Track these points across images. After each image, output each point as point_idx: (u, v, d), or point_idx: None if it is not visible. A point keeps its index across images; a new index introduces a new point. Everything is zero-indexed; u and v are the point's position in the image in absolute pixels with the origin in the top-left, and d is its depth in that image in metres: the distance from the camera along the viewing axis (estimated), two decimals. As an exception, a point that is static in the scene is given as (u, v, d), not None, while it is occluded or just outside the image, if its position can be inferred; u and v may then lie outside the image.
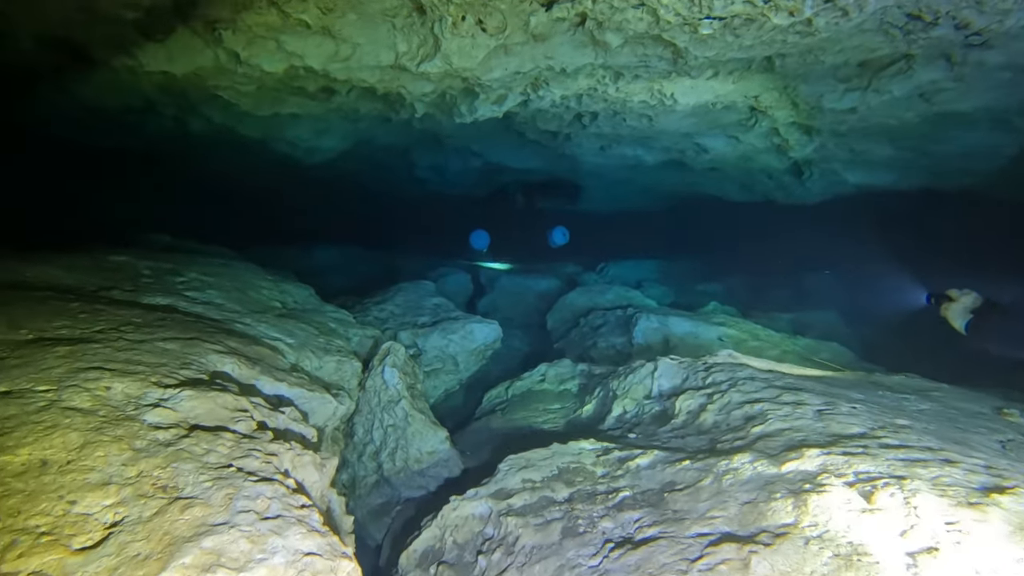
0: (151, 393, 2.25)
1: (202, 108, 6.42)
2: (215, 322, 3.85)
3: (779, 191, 9.35)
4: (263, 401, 2.63)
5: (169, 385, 2.36)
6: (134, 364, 2.45)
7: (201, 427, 2.14)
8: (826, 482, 2.16)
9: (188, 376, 2.55)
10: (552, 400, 5.47)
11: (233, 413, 2.31)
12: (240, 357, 3.18)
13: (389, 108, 6.05)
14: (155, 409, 2.12)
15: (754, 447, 2.79)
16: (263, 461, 2.03)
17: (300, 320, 4.82)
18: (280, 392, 3.20)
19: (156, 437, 1.93)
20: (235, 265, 6.03)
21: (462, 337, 6.06)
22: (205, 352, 3.02)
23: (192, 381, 2.50)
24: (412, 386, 4.58)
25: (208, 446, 2.00)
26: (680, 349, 7.29)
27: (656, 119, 6.03)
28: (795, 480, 2.28)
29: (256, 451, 2.08)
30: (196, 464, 1.86)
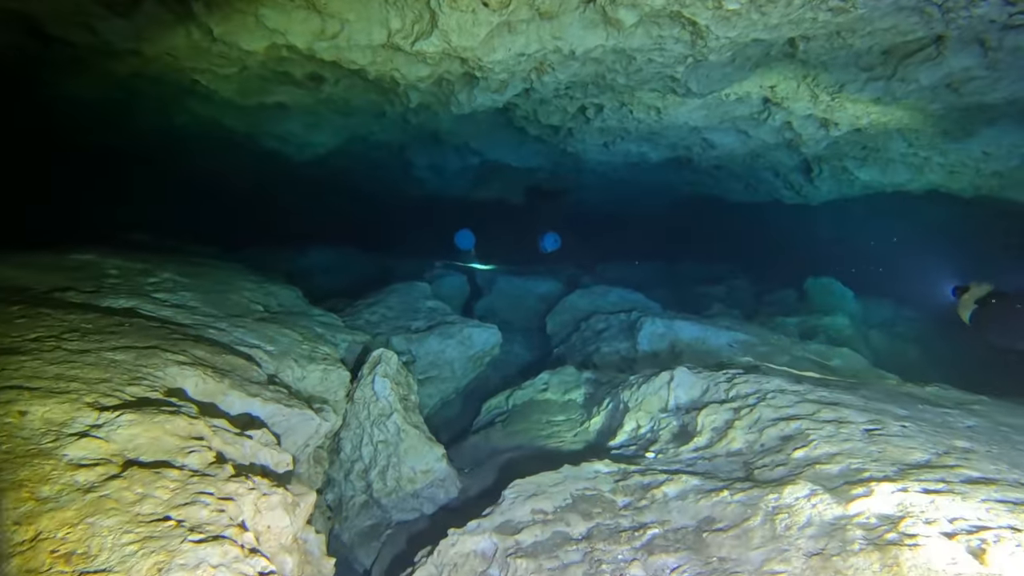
0: (81, 418, 1.79)
1: (184, 100, 5.97)
2: (183, 328, 3.39)
3: (786, 190, 8.96)
4: (227, 424, 2.18)
5: (107, 407, 1.90)
6: (67, 381, 2.00)
7: (139, 463, 1.69)
8: (915, 531, 1.73)
9: (135, 395, 2.10)
10: (556, 411, 5.04)
11: (184, 442, 1.86)
12: (206, 369, 2.72)
13: (383, 99, 5.60)
14: (81, 440, 1.67)
15: (804, 476, 2.36)
16: (214, 509, 1.58)
17: (284, 325, 4.36)
18: (252, 409, 2.75)
19: (74, 480, 1.48)
20: (217, 266, 5.57)
21: (459, 342, 5.62)
22: (163, 364, 2.57)
23: (139, 402, 2.05)
24: (405, 397, 4.13)
25: (144, 490, 1.55)
26: (687, 355, 6.87)
27: (665, 111, 5.62)
28: (871, 525, 1.85)
29: (207, 494, 1.63)
30: (122, 518, 1.41)
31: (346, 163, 9.66)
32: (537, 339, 8.63)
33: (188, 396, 2.50)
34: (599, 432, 4.44)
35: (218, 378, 2.72)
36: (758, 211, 10.79)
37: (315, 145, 7.17)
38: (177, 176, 10.14)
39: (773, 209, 10.27)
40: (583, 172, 9.91)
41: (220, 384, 2.69)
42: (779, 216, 10.54)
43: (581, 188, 11.35)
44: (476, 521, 2.72)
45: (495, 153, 8.46)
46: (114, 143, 8.10)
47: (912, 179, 7.38)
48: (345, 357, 4.81)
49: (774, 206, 10.07)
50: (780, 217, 10.59)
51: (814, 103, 5.17)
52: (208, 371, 2.72)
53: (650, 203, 12.15)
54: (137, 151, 8.76)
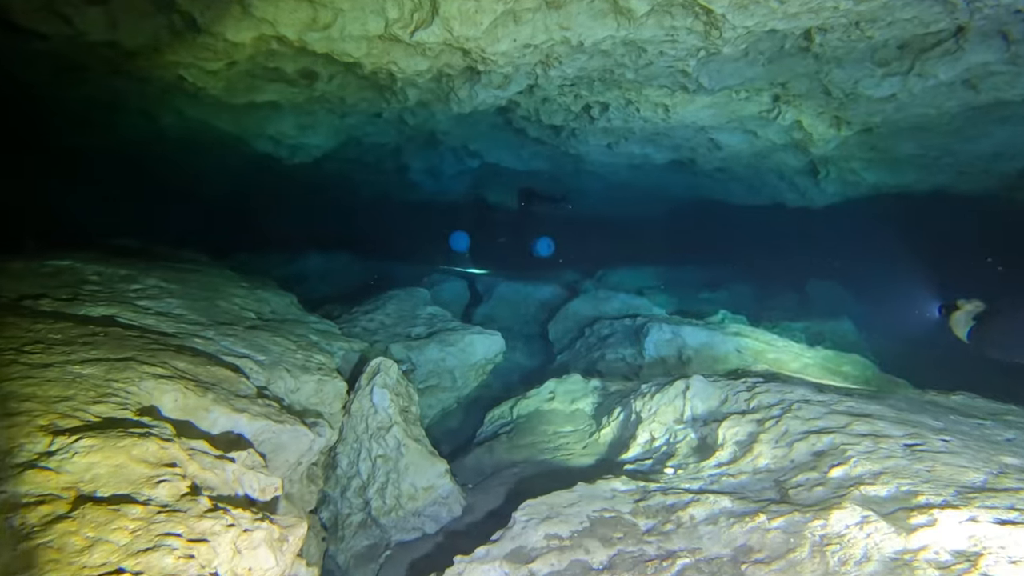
0: (30, 446, 1.53)
1: (171, 100, 5.70)
2: (165, 337, 3.12)
3: (790, 192, 8.75)
4: (207, 445, 1.92)
5: (64, 431, 1.64)
6: (20, 401, 1.73)
7: (95, 498, 1.42)
8: (999, 572, 1.48)
9: (100, 415, 1.83)
10: (563, 422, 4.78)
11: (154, 470, 1.60)
12: (187, 382, 2.46)
13: (379, 96, 5.36)
14: (26, 473, 1.40)
15: (849, 499, 2.11)
16: (182, 555, 1.32)
17: (276, 332, 4.09)
18: (238, 427, 2.48)
19: (7, 525, 1.21)
20: (207, 271, 5.30)
21: (461, 350, 5.36)
22: (138, 377, 2.30)
23: (104, 423, 1.78)
24: (406, 409, 3.87)
25: (96, 533, 1.28)
26: (695, 361, 6.63)
27: (673, 109, 5.40)
28: (943, 563, 1.60)
29: (175, 535, 1.37)
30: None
31: (341, 167, 9.41)
32: (539, 346, 8.37)
33: (164, 414, 2.23)
34: (610, 444, 4.18)
35: (200, 392, 2.46)
36: (759, 214, 10.59)
37: (309, 147, 6.92)
38: (167, 181, 9.87)
39: (775, 212, 10.07)
40: (583, 175, 9.68)
41: (202, 399, 2.42)
42: (781, 219, 10.33)
43: (581, 192, 11.12)
44: (485, 548, 2.46)
45: (494, 155, 8.23)
46: (99, 146, 7.82)
47: (920, 180, 7.18)
48: (341, 366, 4.55)
49: (776, 209, 9.87)
50: (782, 220, 10.38)
51: (827, 100, 4.96)
52: (189, 385, 2.46)
53: (650, 207, 11.94)
54: (124, 155, 8.48)
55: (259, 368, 3.31)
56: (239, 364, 3.23)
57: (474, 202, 11.05)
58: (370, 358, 4.63)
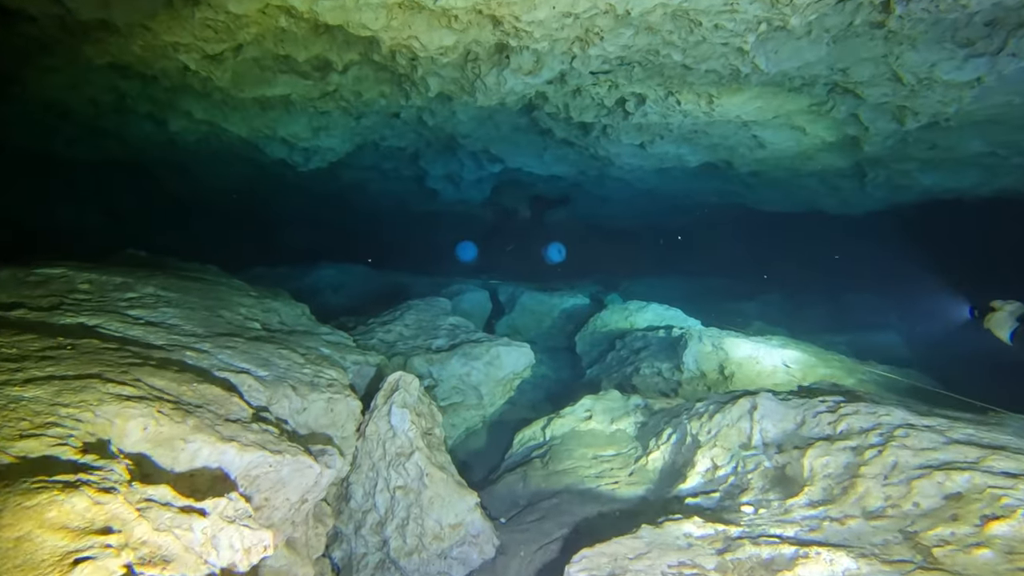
0: None
1: (178, 100, 5.30)
2: (149, 350, 2.62)
3: (830, 198, 8.14)
4: (172, 493, 1.39)
5: (-45, 481, 1.11)
6: (-96, 435, 1.21)
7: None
8: None
9: (24, 454, 1.31)
10: (604, 443, 4.20)
11: (76, 542, 1.07)
12: (163, 405, 1.94)
13: (397, 91, 4.89)
14: None
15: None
16: None
17: (283, 345, 3.58)
18: (224, 460, 1.96)
19: None
20: (213, 281, 4.83)
21: (487, 364, 4.81)
22: (96, 401, 1.79)
23: (22, 466, 1.26)
24: (428, 431, 3.32)
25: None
26: (739, 376, 6.02)
27: (718, 100, 4.87)
28: None
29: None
30: None
31: (357, 175, 8.98)
32: (565, 359, 7.81)
33: (127, 447, 1.71)
34: (662, 471, 3.60)
35: (178, 417, 1.94)
36: (793, 222, 9.97)
37: (324, 151, 6.47)
38: (181, 193, 9.51)
39: (810, 220, 9.45)
40: (608, 181, 9.16)
41: (179, 426, 1.90)
42: (816, 227, 9.70)
43: (605, 200, 10.59)
44: (535, 618, 1.90)
45: (516, 160, 7.74)
46: (111, 157, 7.45)
47: (982, 183, 6.55)
48: (356, 382, 4.02)
49: (812, 217, 9.26)
50: (817, 228, 9.75)
51: (893, 89, 4.39)
52: (165, 408, 1.94)
53: (676, 215, 11.37)
54: (136, 166, 8.13)
55: (259, 385, 2.79)
56: (235, 381, 2.71)
57: (495, 210, 10.56)
58: (387, 373, 4.11)
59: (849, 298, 9.93)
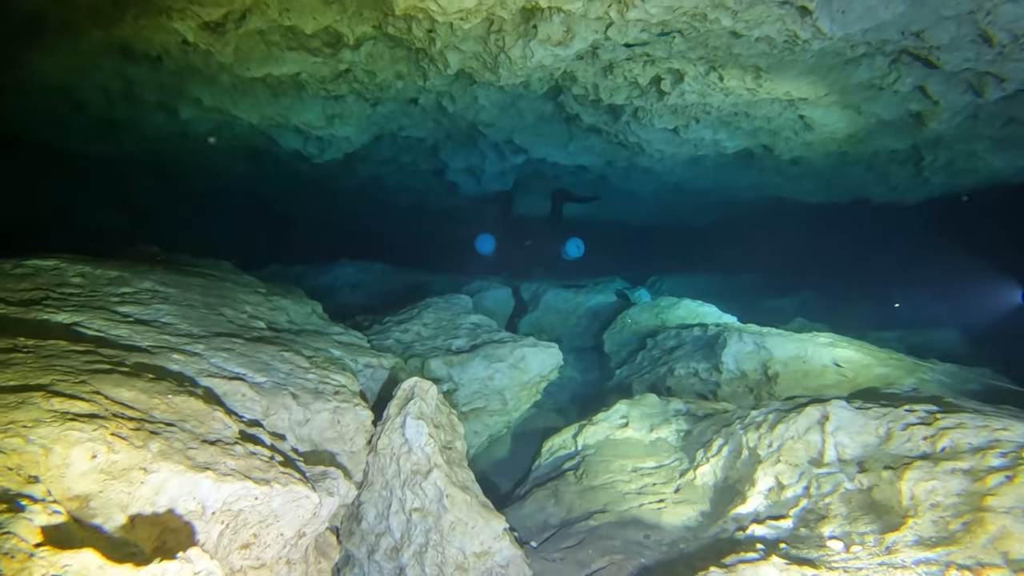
0: None
1: (185, 85, 4.98)
2: (128, 353, 2.25)
3: (878, 186, 7.55)
4: (98, 559, 0.98)
5: None
6: None
7: None
8: None
9: None
10: (643, 454, 3.75)
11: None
12: (122, 425, 1.56)
13: (414, 70, 4.50)
14: None
15: None
16: None
17: (287, 346, 3.21)
18: (197, 492, 1.56)
19: None
20: (219, 277, 4.49)
21: (511, 366, 4.39)
22: (32, 421, 1.41)
23: None
24: (448, 445, 2.91)
25: None
26: (784, 378, 5.50)
27: (767, 75, 4.37)
28: None
29: None
30: None
31: (375, 169, 8.63)
32: (592, 359, 7.36)
33: (67, 483, 1.32)
34: (714, 489, 3.14)
35: (140, 440, 1.55)
36: (833, 213, 9.36)
37: (339, 140, 6.11)
38: (196, 188, 9.25)
39: (853, 210, 8.84)
40: (635, 173, 8.67)
41: (140, 452, 1.51)
42: (860, 218, 9.09)
43: (631, 195, 10.09)
44: None
45: (540, 150, 7.30)
46: (125, 151, 7.20)
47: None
48: (368, 386, 3.64)
49: (855, 207, 8.65)
50: (861, 219, 9.13)
51: (976, 52, 3.85)
52: (124, 429, 1.55)
53: (706, 209, 10.81)
54: (151, 161, 7.88)
55: (254, 394, 2.41)
56: (225, 389, 2.33)
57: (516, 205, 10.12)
58: (403, 377, 3.72)
59: (895, 293, 9.30)
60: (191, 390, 2.03)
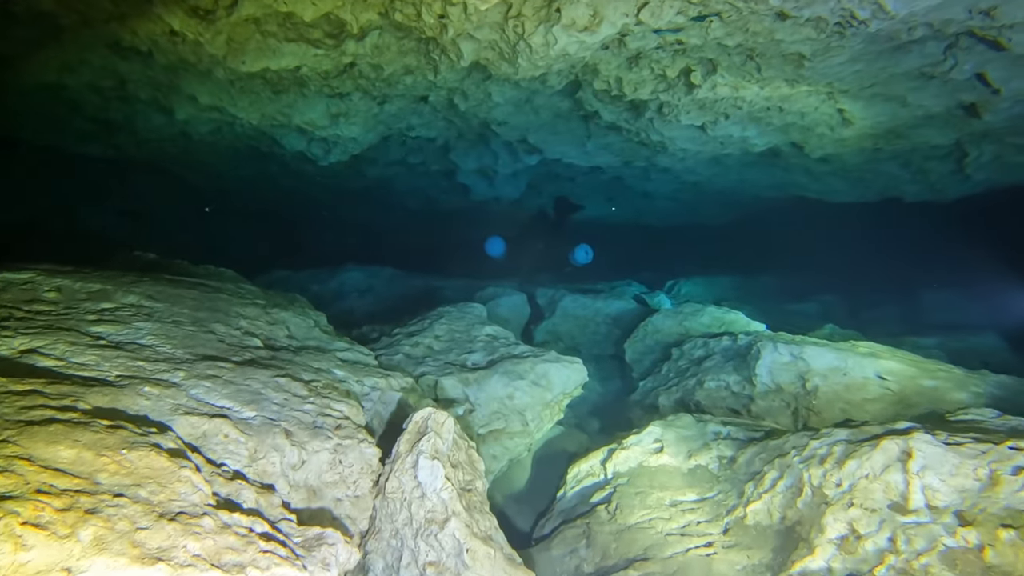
0: None
1: (178, 81, 4.61)
2: (87, 390, 1.86)
3: (913, 184, 7.07)
4: None
5: None
6: None
7: None
8: None
9: None
10: (681, 484, 3.33)
11: None
12: (43, 505, 1.16)
13: (424, 63, 4.10)
14: None
15: None
16: None
17: (284, 369, 2.81)
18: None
19: None
20: (214, 287, 4.11)
21: (533, 384, 3.98)
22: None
23: None
24: (468, 487, 2.49)
25: None
26: (824, 391, 5.03)
27: (811, 62, 3.93)
28: None
29: None
30: None
31: (383, 171, 8.25)
32: (612, 368, 6.93)
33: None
34: (771, 532, 2.71)
35: (65, 527, 1.15)
36: (860, 213, 8.88)
37: (344, 141, 5.73)
38: (199, 191, 8.91)
39: (882, 210, 8.36)
40: (654, 174, 8.24)
41: (65, 544, 1.12)
42: (889, 218, 8.60)
43: (647, 196, 9.65)
44: None
45: (556, 149, 6.88)
46: (124, 152, 6.86)
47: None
48: (376, 410, 3.23)
49: (885, 206, 8.16)
50: (891, 219, 8.65)
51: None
52: (47, 510, 1.15)
53: (724, 209, 10.35)
54: (152, 163, 7.54)
55: (239, 434, 2.01)
56: (205, 430, 1.94)
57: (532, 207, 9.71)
58: (414, 401, 3.31)
59: (926, 296, 8.80)
60: (155, 440, 1.63)
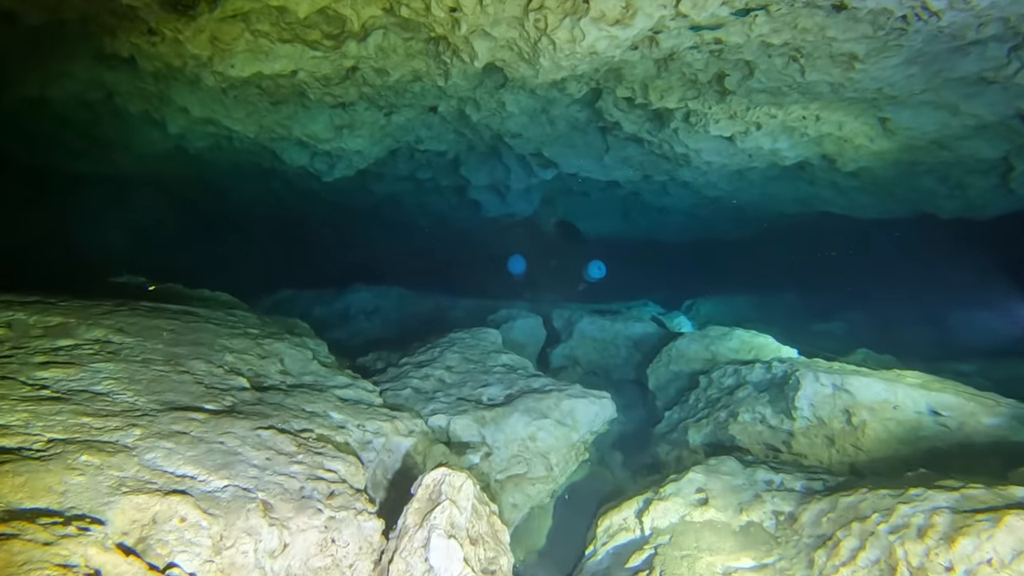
0: None
1: (168, 91, 4.21)
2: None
3: (950, 200, 6.56)
4: None
5: None
6: None
7: None
8: None
9: None
10: (734, 548, 2.81)
11: None
12: None
13: (434, 67, 3.68)
14: None
15: None
16: None
17: (270, 417, 2.33)
18: None
19: None
20: (203, 316, 3.66)
21: (557, 423, 3.47)
22: None
23: None
24: (491, 566, 1.99)
25: None
26: (873, 426, 4.47)
27: (863, 64, 3.48)
28: None
29: None
30: None
31: (391, 188, 7.84)
32: (633, 394, 6.41)
33: None
34: (858, 621, 2.19)
35: None
36: (883, 230, 8.37)
37: (349, 155, 5.31)
38: (202, 210, 8.53)
39: (912, 226, 7.85)
40: (672, 188, 7.78)
41: None
42: (920, 235, 8.08)
43: (663, 211, 9.19)
44: None
45: (572, 163, 6.45)
46: (121, 170, 6.49)
47: None
48: (380, 461, 2.74)
49: (916, 223, 7.65)
50: (921, 236, 8.12)
51: None
52: None
53: (743, 225, 9.86)
54: (153, 180, 7.16)
55: (202, 514, 1.53)
56: (156, 513, 1.48)
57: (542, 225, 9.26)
58: (423, 450, 2.81)
59: (958, 317, 8.25)
60: (67, 552, 1.15)
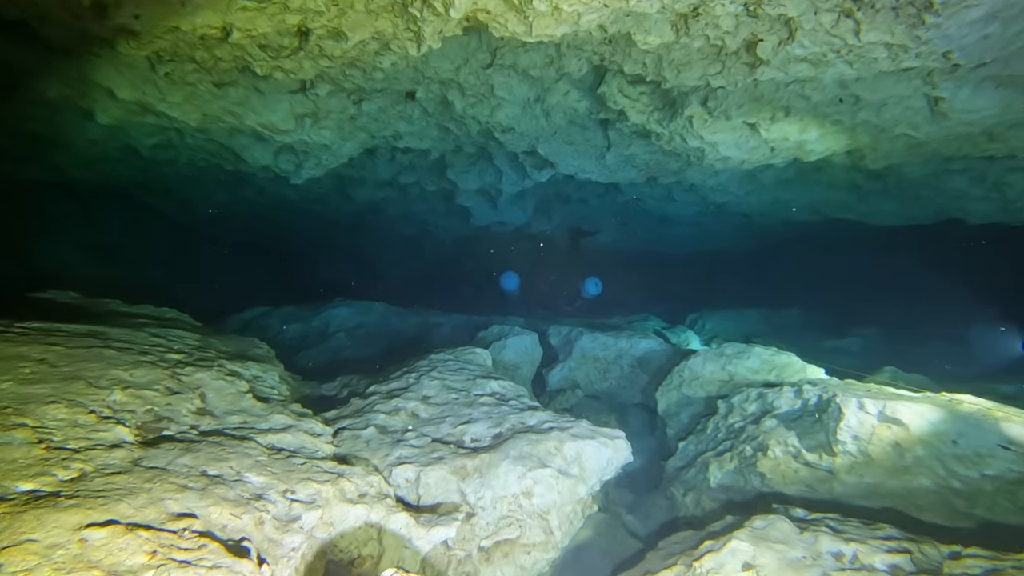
0: None
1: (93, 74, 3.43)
2: None
3: (982, 203, 5.82)
4: None
5: None
6: None
7: None
8: None
9: None
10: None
11: None
12: None
13: (399, 24, 2.90)
14: None
15: None
16: None
17: (127, 496, 1.51)
18: None
19: None
20: (111, 337, 2.85)
21: (560, 473, 2.65)
22: None
23: None
24: None
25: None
26: (929, 462, 3.71)
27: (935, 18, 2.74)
28: None
29: None
30: None
31: (373, 194, 7.05)
32: (639, 420, 5.59)
33: None
34: None
35: None
36: (902, 238, 7.63)
37: (316, 151, 4.53)
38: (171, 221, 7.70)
39: (935, 233, 7.12)
40: (677, 194, 7.04)
41: None
42: (942, 242, 7.35)
43: (667, 220, 8.43)
44: None
45: (570, 162, 5.69)
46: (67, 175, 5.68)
47: None
48: (310, 548, 1.90)
49: (940, 228, 6.92)
50: (944, 243, 7.40)
51: None
52: None
53: (750, 236, 9.10)
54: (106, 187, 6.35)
55: None
56: None
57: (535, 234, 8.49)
58: (376, 521, 1.98)
59: (983, 332, 7.50)
60: None
